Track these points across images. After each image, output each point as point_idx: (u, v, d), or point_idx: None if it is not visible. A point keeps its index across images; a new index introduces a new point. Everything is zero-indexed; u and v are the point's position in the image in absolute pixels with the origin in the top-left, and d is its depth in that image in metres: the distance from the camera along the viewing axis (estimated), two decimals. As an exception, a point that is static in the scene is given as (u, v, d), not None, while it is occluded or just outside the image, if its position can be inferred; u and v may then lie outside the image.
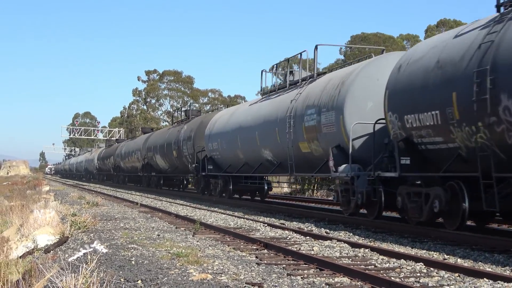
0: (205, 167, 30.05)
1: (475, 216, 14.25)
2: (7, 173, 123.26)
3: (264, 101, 24.59)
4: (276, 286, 8.35)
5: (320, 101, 18.41)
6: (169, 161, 39.72)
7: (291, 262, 10.52)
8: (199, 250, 11.77)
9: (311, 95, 19.35)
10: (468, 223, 14.21)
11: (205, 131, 31.16)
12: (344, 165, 16.62)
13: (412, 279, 8.84)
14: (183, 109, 45.60)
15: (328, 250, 11.83)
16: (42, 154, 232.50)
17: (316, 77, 20.69)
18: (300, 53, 22.74)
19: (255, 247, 12.36)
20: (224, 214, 20.89)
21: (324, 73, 21.49)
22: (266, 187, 28.92)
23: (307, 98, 19.51)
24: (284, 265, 10.09)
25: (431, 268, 9.65)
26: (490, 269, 9.62)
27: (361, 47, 46.52)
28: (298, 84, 22.01)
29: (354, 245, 12.35)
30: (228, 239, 13.85)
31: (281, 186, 43.59)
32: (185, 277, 8.83)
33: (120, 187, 53.69)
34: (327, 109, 17.85)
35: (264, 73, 25.98)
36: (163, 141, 41.14)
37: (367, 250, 11.69)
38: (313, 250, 11.91)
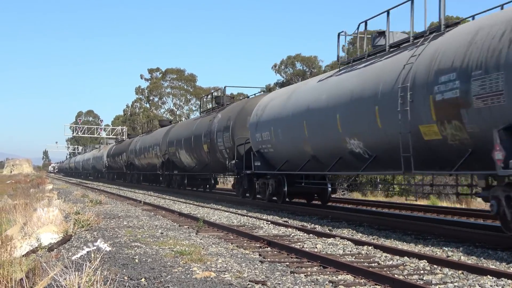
0: (250, 163, 24.19)
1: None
2: (11, 171, 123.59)
3: (346, 73, 17.73)
4: (279, 283, 8.35)
5: (467, 60, 12.02)
6: (197, 157, 33.26)
7: (295, 259, 10.52)
8: (203, 248, 11.78)
9: (445, 53, 12.87)
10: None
11: (251, 118, 24.54)
12: None
13: (415, 277, 8.83)
14: (214, 94, 37.72)
15: (331, 248, 11.83)
16: (45, 153, 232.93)
17: (444, 30, 14.10)
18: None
19: (258, 245, 12.36)
20: (227, 212, 20.88)
21: (457, 23, 14.61)
22: (329, 189, 22.92)
23: (436, 59, 13.09)
24: (287, 263, 10.10)
25: (435, 266, 9.65)
26: (493, 266, 9.61)
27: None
28: (408, 44, 15.39)
29: (357, 242, 12.35)
30: (232, 237, 13.86)
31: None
32: (188, 275, 8.83)
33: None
34: (484, 70, 11.46)
35: (343, 37, 19.16)
36: (189, 133, 34.36)
37: (370, 247, 11.68)
38: (316, 247, 11.90)
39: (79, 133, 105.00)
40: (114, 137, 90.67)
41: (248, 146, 25.13)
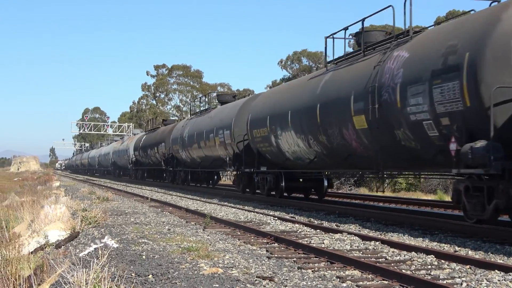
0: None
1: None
2: (18, 169, 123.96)
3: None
4: (287, 279, 8.35)
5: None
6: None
7: (302, 255, 10.51)
8: (210, 244, 11.79)
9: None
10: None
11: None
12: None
13: (423, 272, 8.81)
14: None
15: (338, 243, 11.82)
16: (52, 150, 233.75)
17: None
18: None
19: (265, 241, 12.35)
20: (234, 208, 20.90)
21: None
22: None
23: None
24: (294, 259, 10.09)
25: (442, 260, 9.63)
26: (501, 261, 9.58)
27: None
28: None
29: (364, 237, 12.33)
30: (239, 233, 13.86)
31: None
32: (196, 271, 8.84)
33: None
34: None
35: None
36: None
37: (377, 242, 11.66)
38: (323, 243, 11.90)
39: (85, 130, 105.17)
40: (121, 134, 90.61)
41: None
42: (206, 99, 41.45)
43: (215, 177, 39.59)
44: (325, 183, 23.93)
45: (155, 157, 47.14)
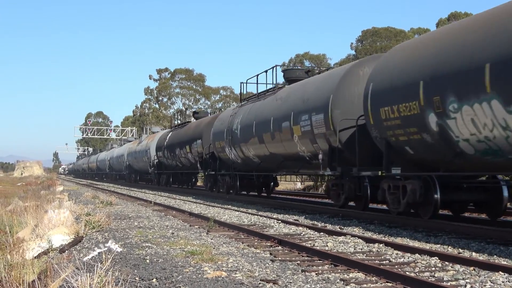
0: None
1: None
2: (21, 173, 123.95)
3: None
4: (290, 282, 8.35)
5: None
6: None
7: (306, 258, 10.51)
8: (213, 248, 11.79)
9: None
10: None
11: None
12: None
13: (427, 274, 8.81)
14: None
15: (342, 246, 11.82)
16: (55, 154, 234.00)
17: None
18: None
19: (269, 244, 12.36)
20: (238, 211, 20.90)
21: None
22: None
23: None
24: (298, 262, 10.09)
25: (446, 262, 9.63)
26: (505, 262, 9.58)
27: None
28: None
29: (368, 240, 12.33)
30: (242, 236, 13.86)
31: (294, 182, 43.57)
32: (199, 275, 8.84)
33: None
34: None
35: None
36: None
37: (381, 245, 11.67)
38: (327, 246, 11.90)
39: (88, 134, 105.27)
40: (125, 137, 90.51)
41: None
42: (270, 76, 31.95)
43: (272, 183, 29.82)
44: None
45: (186, 158, 38.15)
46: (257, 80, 26.92)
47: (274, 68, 25.56)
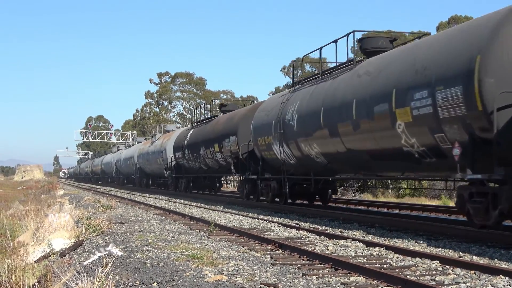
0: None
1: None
2: (22, 177, 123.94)
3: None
4: (291, 286, 8.34)
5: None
6: None
7: (306, 262, 10.50)
8: (214, 252, 11.78)
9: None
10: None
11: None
12: None
13: (427, 277, 8.80)
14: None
15: (343, 250, 11.81)
16: (56, 158, 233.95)
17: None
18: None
19: (269, 248, 12.35)
20: (238, 215, 20.89)
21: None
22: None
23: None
24: (299, 265, 10.09)
25: (447, 266, 9.62)
26: (506, 266, 9.57)
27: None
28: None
29: (369, 244, 12.32)
30: (243, 240, 13.85)
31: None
32: (200, 279, 8.84)
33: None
34: None
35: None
36: None
37: (382, 248, 11.65)
38: (328, 249, 11.89)
39: (89, 138, 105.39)
40: (125, 141, 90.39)
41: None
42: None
43: (330, 190, 24.27)
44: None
45: (213, 159, 32.06)
46: (320, 54, 21.15)
47: (349, 36, 18.61)
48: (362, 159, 17.04)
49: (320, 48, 20.65)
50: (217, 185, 39.45)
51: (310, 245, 12.49)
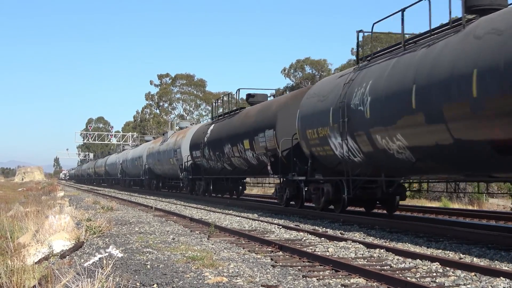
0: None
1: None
2: (22, 179, 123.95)
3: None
4: (291, 287, 8.35)
5: None
6: None
7: (307, 263, 10.50)
8: (214, 253, 11.78)
9: None
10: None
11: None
12: None
13: (428, 279, 8.80)
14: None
15: (343, 251, 11.81)
16: (56, 160, 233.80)
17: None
18: None
19: (270, 249, 12.34)
20: (239, 216, 20.88)
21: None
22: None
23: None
24: (299, 267, 10.08)
25: (447, 268, 9.61)
26: (506, 268, 9.56)
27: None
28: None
29: (369, 245, 12.31)
30: (243, 242, 13.85)
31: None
32: (200, 281, 8.83)
33: None
34: None
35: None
36: None
37: (382, 250, 11.65)
38: (328, 251, 11.88)
39: (89, 139, 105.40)
40: (126, 143, 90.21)
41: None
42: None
43: (398, 196, 19.64)
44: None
45: (242, 158, 27.29)
46: (402, 17, 15.89)
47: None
48: (480, 154, 12.50)
49: (403, 10, 15.87)
50: (240, 187, 34.49)
51: (311, 247, 12.49)
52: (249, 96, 30.39)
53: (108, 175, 79.59)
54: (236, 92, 31.97)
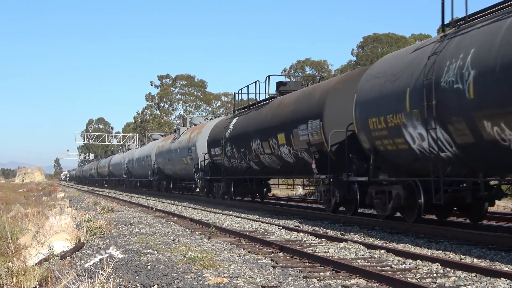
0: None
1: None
2: (22, 180, 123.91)
3: None
4: (292, 288, 8.34)
5: None
6: None
7: (307, 264, 10.50)
8: (215, 254, 11.78)
9: None
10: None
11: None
12: None
13: (428, 280, 8.80)
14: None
15: (343, 252, 11.80)
16: (56, 161, 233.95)
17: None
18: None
19: (270, 250, 12.34)
20: (239, 217, 20.88)
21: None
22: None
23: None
24: (300, 268, 10.08)
25: (448, 269, 9.61)
26: (507, 269, 9.56)
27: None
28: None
29: (369, 246, 12.31)
30: (244, 243, 13.84)
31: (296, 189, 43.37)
32: (201, 281, 8.83)
33: None
34: None
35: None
36: None
37: (383, 251, 11.65)
38: (328, 252, 11.88)
39: (90, 140, 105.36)
40: (126, 144, 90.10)
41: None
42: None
43: (486, 204, 15.88)
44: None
45: (274, 155, 23.25)
46: None
47: None
48: None
49: None
50: (265, 189, 30.51)
51: (311, 248, 12.48)
52: (280, 84, 26.29)
53: (112, 175, 75.93)
54: (266, 79, 27.39)
